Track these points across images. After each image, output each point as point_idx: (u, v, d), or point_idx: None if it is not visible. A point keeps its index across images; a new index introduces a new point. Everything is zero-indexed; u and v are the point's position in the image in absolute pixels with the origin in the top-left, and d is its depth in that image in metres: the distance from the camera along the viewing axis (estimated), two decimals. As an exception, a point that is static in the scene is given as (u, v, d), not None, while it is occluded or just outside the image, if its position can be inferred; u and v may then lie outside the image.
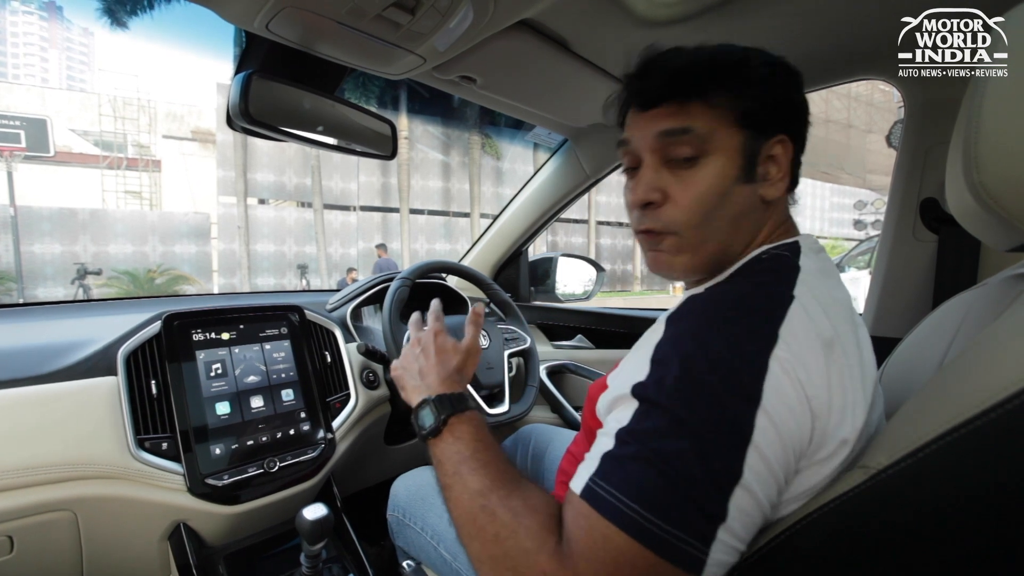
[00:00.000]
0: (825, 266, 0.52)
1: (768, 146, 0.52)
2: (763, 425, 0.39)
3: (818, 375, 0.42)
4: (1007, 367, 0.34)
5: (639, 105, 0.54)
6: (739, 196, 0.51)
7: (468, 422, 0.56)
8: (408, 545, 0.89)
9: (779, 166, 0.53)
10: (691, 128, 0.50)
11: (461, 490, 0.50)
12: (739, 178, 0.51)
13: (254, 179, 12.07)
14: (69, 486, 0.74)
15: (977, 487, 0.35)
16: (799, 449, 0.41)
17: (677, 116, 0.51)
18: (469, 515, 0.48)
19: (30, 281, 9.97)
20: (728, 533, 0.39)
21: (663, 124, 0.52)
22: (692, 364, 0.42)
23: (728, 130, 0.51)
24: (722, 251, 0.53)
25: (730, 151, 0.51)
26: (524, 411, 1.13)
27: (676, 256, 0.53)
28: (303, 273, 12.51)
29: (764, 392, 0.40)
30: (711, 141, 0.50)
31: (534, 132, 1.40)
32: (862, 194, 18.27)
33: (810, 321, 0.43)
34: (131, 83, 35.34)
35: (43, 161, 12.27)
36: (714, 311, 0.46)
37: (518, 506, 0.45)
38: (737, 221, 0.52)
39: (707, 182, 0.51)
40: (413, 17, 0.72)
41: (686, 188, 0.51)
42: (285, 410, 0.93)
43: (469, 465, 0.51)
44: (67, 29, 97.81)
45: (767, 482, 0.40)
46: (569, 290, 1.71)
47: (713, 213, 0.51)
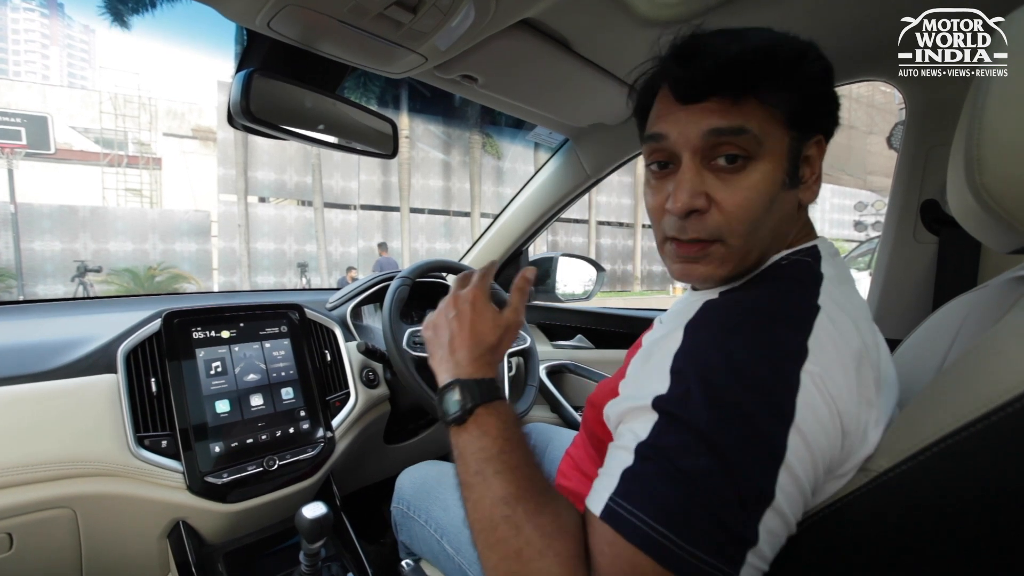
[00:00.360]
0: (843, 272, 0.50)
1: (807, 147, 0.49)
2: (795, 444, 0.37)
3: (848, 390, 0.40)
4: (1008, 370, 0.34)
5: (681, 97, 0.47)
6: (783, 202, 0.48)
7: (497, 414, 0.50)
8: (411, 539, 0.88)
9: (813, 168, 0.50)
10: (746, 128, 0.45)
11: (483, 492, 0.45)
12: (785, 183, 0.47)
13: (255, 177, 12.07)
14: (68, 483, 0.74)
15: (978, 490, 0.35)
16: (829, 467, 0.40)
17: (729, 114, 0.45)
18: (490, 523, 0.43)
19: (30, 278, 9.97)
20: (757, 556, 0.37)
21: (712, 121, 0.46)
22: (718, 377, 0.39)
23: (779, 131, 0.46)
24: (759, 259, 0.50)
25: (779, 154, 0.47)
26: (524, 411, 1.13)
27: (720, 267, 0.49)
28: (303, 272, 12.51)
29: (797, 409, 0.37)
30: (764, 144, 0.46)
31: (535, 132, 1.40)
32: (863, 195, 18.26)
33: (838, 333, 0.41)
34: (132, 81, 35.38)
35: (44, 158, 12.28)
36: (739, 320, 0.43)
37: (548, 525, 0.41)
38: (779, 228, 0.49)
39: (757, 188, 0.46)
40: (415, 16, 0.72)
41: (734, 194, 0.46)
42: (285, 408, 0.93)
43: (494, 466, 0.46)
44: (68, 26, 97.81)
45: (796, 501, 0.38)
46: (569, 290, 1.71)
47: (760, 221, 0.47)
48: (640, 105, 0.55)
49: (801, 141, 0.48)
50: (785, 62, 0.46)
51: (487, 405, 0.51)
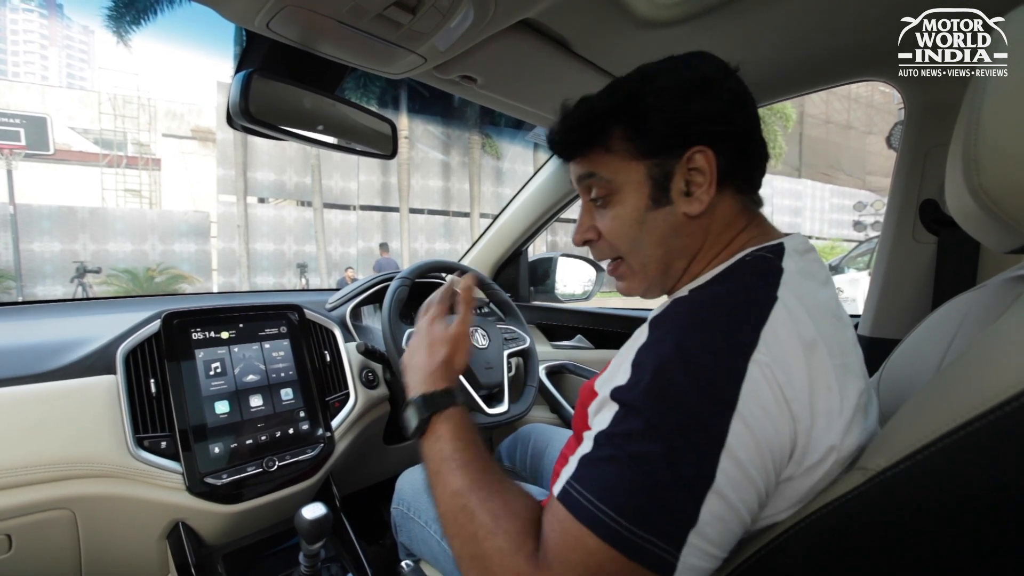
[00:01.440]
0: (811, 268, 0.52)
1: (684, 162, 0.53)
2: (738, 430, 0.39)
3: (799, 377, 0.41)
4: (1007, 369, 0.34)
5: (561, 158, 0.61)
6: (656, 220, 0.55)
7: (449, 420, 0.56)
8: (411, 539, 0.89)
9: (704, 176, 0.53)
10: (594, 173, 0.56)
11: (442, 489, 0.51)
12: (650, 205, 0.54)
13: (254, 178, 12.06)
14: (68, 485, 0.74)
15: (976, 489, 0.35)
16: (780, 454, 0.41)
17: (584, 163, 0.57)
18: (450, 513, 0.48)
19: (29, 279, 9.96)
20: (700, 538, 0.38)
21: (576, 171, 0.59)
22: (668, 368, 0.42)
23: (631, 165, 0.54)
24: (666, 269, 0.57)
25: (636, 183, 0.54)
26: (523, 411, 1.13)
27: (629, 280, 0.60)
28: (302, 272, 12.51)
29: (741, 396, 0.40)
30: (615, 180, 0.55)
31: (534, 132, 1.40)
32: (862, 195, 18.29)
33: (792, 322, 0.43)
34: (131, 81, 35.36)
35: (43, 159, 12.27)
36: (695, 314, 0.46)
37: (498, 508, 0.46)
38: (666, 241, 0.55)
39: (620, 216, 0.56)
40: (414, 17, 0.72)
41: (607, 223, 0.57)
42: (284, 409, 0.93)
43: (449, 465, 0.51)
44: (67, 27, 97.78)
45: (743, 488, 0.40)
46: (569, 290, 1.71)
47: (637, 240, 0.56)
48: None
49: (665, 164, 0.54)
50: (615, 109, 0.55)
51: (440, 414, 0.57)
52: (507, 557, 0.42)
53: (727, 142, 0.53)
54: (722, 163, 0.53)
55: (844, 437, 0.42)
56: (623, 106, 0.54)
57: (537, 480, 1.03)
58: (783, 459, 0.42)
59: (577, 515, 0.40)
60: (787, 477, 0.43)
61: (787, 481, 0.43)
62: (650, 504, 0.38)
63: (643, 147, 0.54)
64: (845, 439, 0.43)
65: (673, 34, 0.84)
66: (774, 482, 0.42)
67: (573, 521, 0.40)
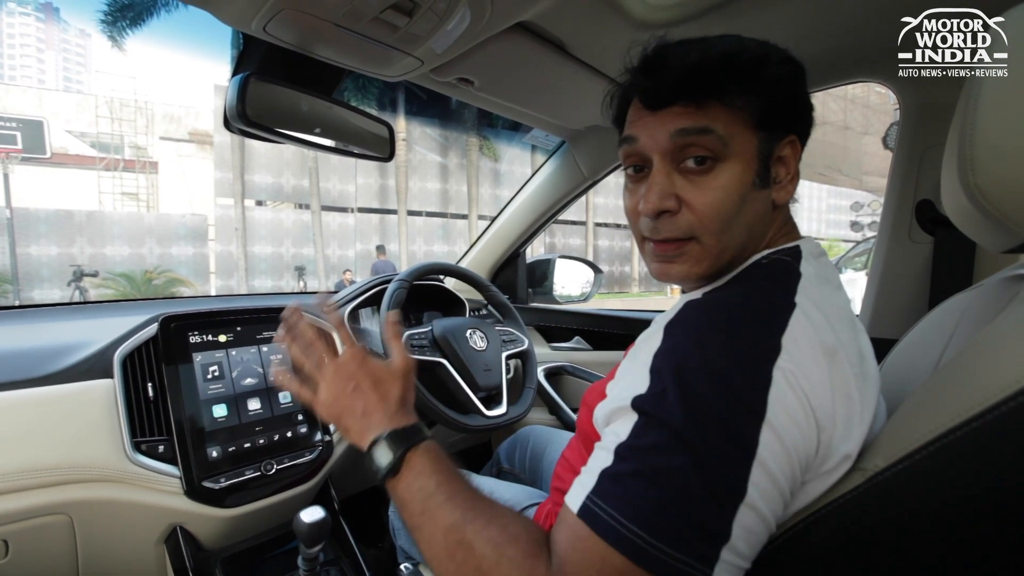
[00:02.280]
0: (826, 271, 0.50)
1: (780, 147, 0.50)
2: (768, 440, 0.37)
3: (821, 385, 0.40)
4: (1004, 368, 0.34)
5: (648, 104, 0.50)
6: (755, 202, 0.50)
7: (426, 454, 0.52)
8: (409, 543, 0.88)
9: (788, 168, 0.51)
10: (711, 128, 0.47)
11: (433, 529, 0.46)
12: (755, 183, 0.49)
13: (251, 181, 12.06)
14: (65, 489, 0.74)
15: (975, 488, 0.35)
16: (805, 462, 0.40)
17: (694, 116, 0.48)
18: (446, 552, 0.44)
19: (26, 283, 9.93)
20: (732, 553, 0.37)
21: (678, 123, 0.48)
22: (692, 376, 0.40)
23: (746, 132, 0.48)
24: (735, 258, 0.52)
25: (747, 155, 0.48)
26: (522, 413, 1.13)
27: (696, 265, 0.51)
28: (300, 275, 12.49)
29: (768, 405, 0.38)
30: (730, 144, 0.48)
31: (532, 134, 1.40)
32: (858, 196, 18.33)
33: (812, 329, 0.42)
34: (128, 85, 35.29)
35: (39, 163, 12.25)
36: (715, 319, 0.44)
37: (497, 536, 0.43)
38: (752, 227, 0.51)
39: (726, 188, 0.48)
40: (410, 20, 0.72)
41: (703, 194, 0.48)
42: (282, 412, 0.93)
43: (436, 500, 0.48)
44: (64, 31, 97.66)
45: (772, 498, 0.38)
46: (567, 292, 1.71)
47: (732, 220, 0.49)
48: (617, 113, 0.57)
49: (772, 142, 0.49)
50: (746, 67, 0.48)
51: (415, 448, 0.53)
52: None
53: (805, 137, 0.53)
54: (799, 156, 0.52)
55: (858, 444, 0.42)
56: (754, 66, 0.48)
57: (536, 482, 1.03)
58: (807, 466, 0.40)
59: (601, 533, 0.38)
60: (803, 482, 0.42)
61: (802, 485, 0.42)
62: (680, 522, 0.36)
63: (762, 116, 0.48)
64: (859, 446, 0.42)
65: (669, 36, 0.84)
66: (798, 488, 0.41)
67: (597, 540, 0.38)
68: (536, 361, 1.27)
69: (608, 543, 0.37)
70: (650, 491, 0.37)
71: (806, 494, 0.42)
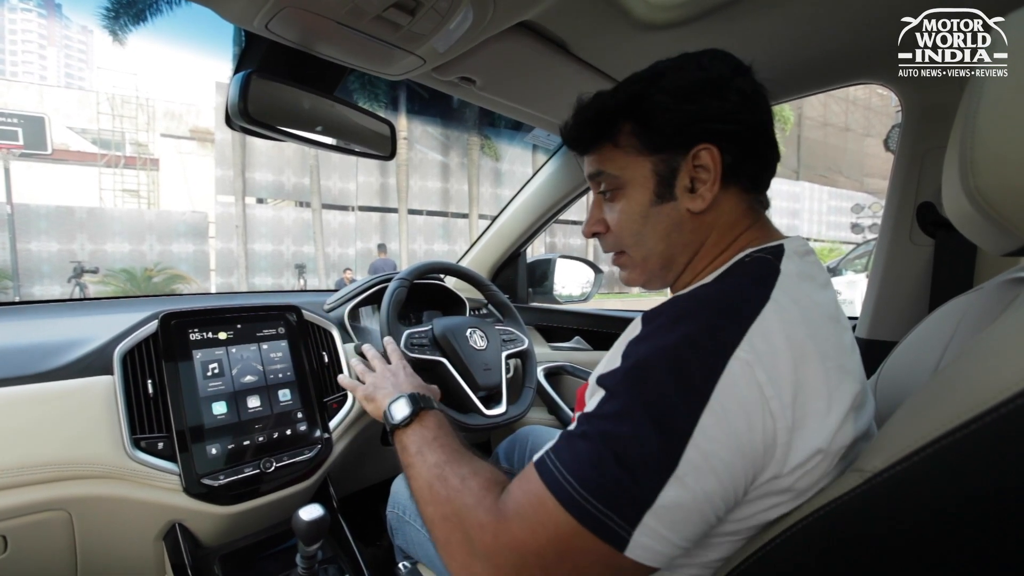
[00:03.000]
0: (810, 270, 0.52)
1: (688, 160, 0.54)
2: (707, 423, 0.40)
3: (782, 378, 0.42)
4: (1003, 371, 0.34)
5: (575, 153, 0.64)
6: (660, 215, 0.57)
7: (433, 415, 0.66)
8: (407, 542, 0.89)
9: (709, 173, 0.54)
10: (602, 171, 0.59)
11: (421, 465, 0.57)
12: (654, 200, 0.56)
13: (252, 178, 12.06)
14: (64, 485, 0.74)
15: (973, 490, 0.35)
16: (752, 451, 0.41)
17: (595, 161, 0.60)
18: (427, 483, 0.54)
19: (26, 279, 9.93)
20: (656, 519, 0.40)
21: (588, 168, 0.61)
22: (651, 359, 0.44)
23: (637, 160, 0.56)
24: (668, 263, 0.59)
25: (642, 179, 0.56)
26: (521, 412, 1.13)
27: (630, 272, 0.62)
28: (300, 273, 12.49)
29: (715, 390, 0.41)
30: (622, 176, 0.57)
31: (533, 134, 1.40)
32: (859, 197, 18.33)
33: (782, 323, 0.44)
34: (130, 81, 35.30)
35: (40, 159, 12.25)
36: (688, 310, 0.47)
37: (466, 472, 0.52)
38: (668, 236, 0.57)
39: (626, 211, 0.58)
40: (413, 18, 0.72)
41: (613, 217, 0.60)
42: (282, 410, 0.93)
43: (431, 446, 0.59)
44: (66, 27, 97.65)
45: (705, 479, 0.41)
46: (567, 292, 1.71)
47: (641, 234, 0.58)
48: None
49: (671, 160, 0.55)
50: (623, 107, 0.57)
51: (426, 410, 0.67)
52: (470, 510, 0.47)
53: (733, 141, 0.54)
54: (727, 161, 0.53)
55: (833, 439, 0.43)
56: (631, 103, 0.56)
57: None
58: (756, 457, 0.42)
59: (545, 480, 0.43)
60: (772, 476, 0.43)
61: (774, 479, 0.43)
62: (610, 480, 0.40)
63: (649, 143, 0.55)
64: (834, 441, 0.43)
65: (671, 37, 0.84)
66: (743, 480, 0.42)
67: (540, 484, 0.43)
68: (536, 361, 1.27)
69: (548, 488, 0.43)
70: (592, 450, 0.42)
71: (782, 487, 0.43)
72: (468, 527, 0.46)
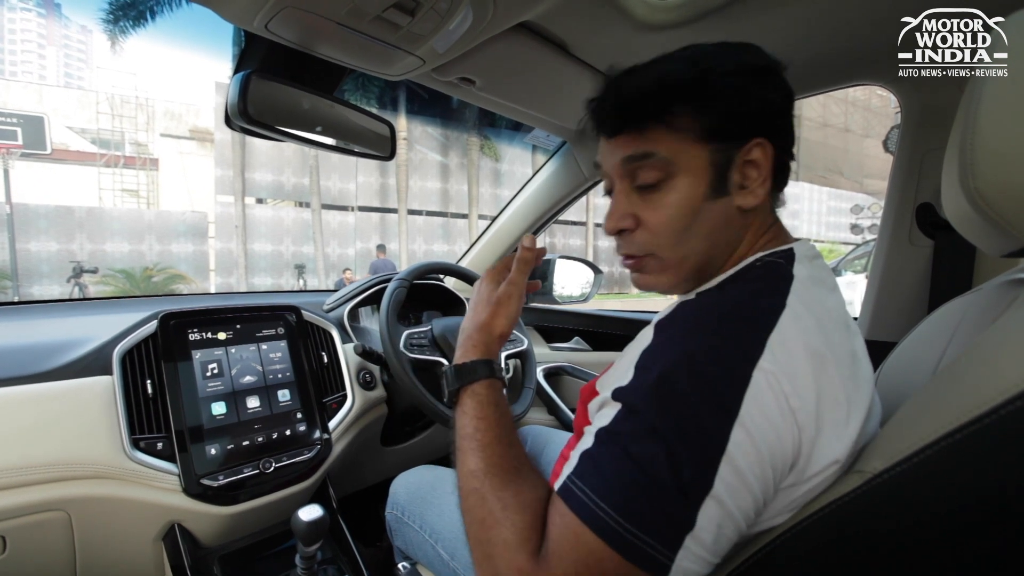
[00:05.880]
0: (820, 274, 0.50)
1: (743, 152, 0.50)
2: (739, 439, 0.39)
3: (805, 387, 0.41)
4: (1003, 372, 0.34)
5: (603, 134, 0.55)
6: (712, 211, 0.51)
7: (474, 397, 0.55)
8: (406, 544, 0.88)
9: (759, 170, 0.51)
10: (653, 153, 0.50)
11: (461, 465, 0.51)
12: (708, 195, 0.50)
13: (252, 178, 12.05)
14: (63, 486, 0.74)
15: (973, 492, 0.35)
16: (782, 462, 0.41)
17: (638, 142, 0.51)
18: (464, 493, 0.49)
19: (26, 279, 9.92)
20: (696, 542, 0.38)
21: (625, 151, 0.52)
22: (672, 372, 0.41)
23: (693, 148, 0.50)
24: (704, 265, 0.53)
25: (697, 169, 0.50)
26: (521, 413, 1.13)
27: (659, 276, 0.55)
28: (300, 273, 12.49)
29: (743, 405, 0.39)
30: (676, 163, 0.50)
31: (533, 134, 1.40)
32: (859, 198, 18.34)
33: (800, 331, 0.42)
34: (129, 81, 35.28)
35: (40, 159, 12.25)
36: (702, 319, 0.45)
37: (509, 499, 0.45)
38: (714, 235, 0.52)
39: (676, 205, 0.51)
40: (413, 19, 0.72)
41: (656, 212, 0.52)
42: (281, 410, 0.92)
43: (470, 443, 0.51)
44: (65, 26, 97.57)
45: (741, 495, 0.39)
46: (566, 292, 1.71)
47: (686, 232, 0.51)
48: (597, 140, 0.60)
49: (728, 151, 0.50)
50: (682, 87, 0.50)
51: (467, 388, 0.56)
52: (510, 551, 0.42)
53: (781, 137, 0.52)
54: (775, 158, 0.51)
55: (850, 449, 0.42)
56: (691, 86, 0.49)
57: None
58: (785, 468, 0.41)
59: (576, 511, 0.40)
60: (789, 485, 0.42)
61: (788, 488, 0.43)
62: (648, 506, 0.38)
63: (709, 130, 0.49)
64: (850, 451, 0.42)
65: (670, 38, 0.84)
66: (773, 490, 0.42)
67: (573, 517, 0.40)
68: (535, 361, 1.27)
69: (582, 521, 0.39)
70: (623, 474, 0.39)
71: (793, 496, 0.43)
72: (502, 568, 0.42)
